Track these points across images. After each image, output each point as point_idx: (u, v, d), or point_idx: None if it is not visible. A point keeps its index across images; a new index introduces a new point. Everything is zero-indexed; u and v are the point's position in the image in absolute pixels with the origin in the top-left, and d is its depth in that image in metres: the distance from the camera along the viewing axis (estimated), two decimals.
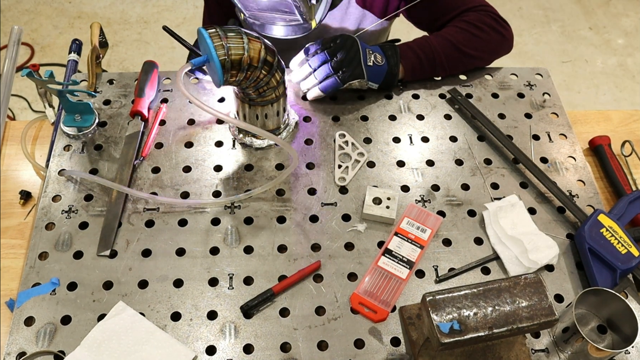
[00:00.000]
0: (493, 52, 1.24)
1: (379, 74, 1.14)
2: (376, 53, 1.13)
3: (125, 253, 0.97)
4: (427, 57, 1.18)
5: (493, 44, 1.22)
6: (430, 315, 0.75)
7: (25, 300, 0.91)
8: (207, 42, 0.91)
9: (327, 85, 1.12)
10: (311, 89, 1.15)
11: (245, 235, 1.00)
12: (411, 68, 1.18)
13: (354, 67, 1.11)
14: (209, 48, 0.91)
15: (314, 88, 1.14)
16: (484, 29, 1.19)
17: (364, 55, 1.11)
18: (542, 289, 0.78)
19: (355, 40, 1.11)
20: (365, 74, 1.12)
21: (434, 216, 1.03)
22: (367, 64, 1.11)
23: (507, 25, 1.23)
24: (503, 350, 0.85)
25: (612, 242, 0.96)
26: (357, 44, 1.11)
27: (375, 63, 1.12)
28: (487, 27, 1.20)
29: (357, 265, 0.97)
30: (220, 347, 0.88)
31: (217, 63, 0.91)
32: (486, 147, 1.14)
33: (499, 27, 1.21)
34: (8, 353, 0.86)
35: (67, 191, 1.04)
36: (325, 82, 1.12)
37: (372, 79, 1.14)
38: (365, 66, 1.11)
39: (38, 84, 1.07)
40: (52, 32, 2.87)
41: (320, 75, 1.12)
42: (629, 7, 3.19)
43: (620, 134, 1.23)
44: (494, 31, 1.20)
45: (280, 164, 1.09)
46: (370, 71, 1.12)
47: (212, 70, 0.95)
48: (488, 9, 1.23)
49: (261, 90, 1.01)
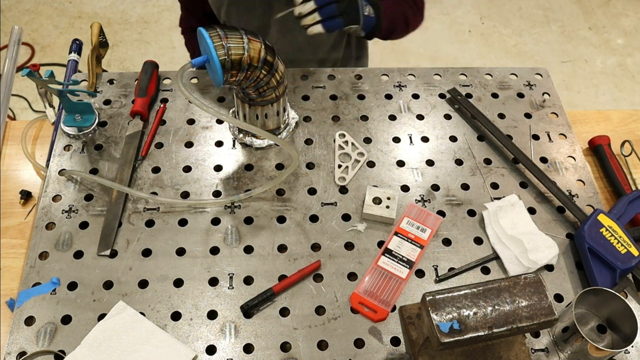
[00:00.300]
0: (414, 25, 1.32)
1: (370, 24, 1.19)
2: (368, 5, 1.18)
3: (125, 253, 0.97)
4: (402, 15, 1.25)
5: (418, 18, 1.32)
6: (430, 315, 0.75)
7: (25, 299, 0.91)
8: (207, 41, 0.91)
9: (331, 24, 1.14)
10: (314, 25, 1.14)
11: (246, 235, 1.00)
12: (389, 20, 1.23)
13: (354, 14, 1.15)
14: (209, 48, 0.91)
15: (317, 25, 1.14)
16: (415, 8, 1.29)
17: (361, 5, 1.17)
18: (542, 289, 0.78)
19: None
20: (362, 22, 1.16)
21: (434, 216, 1.03)
22: (364, 14, 1.17)
23: None
24: (503, 349, 0.86)
25: (612, 242, 0.96)
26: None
27: (369, 14, 1.18)
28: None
29: (357, 265, 0.97)
30: (220, 347, 0.88)
31: (217, 63, 0.91)
32: (486, 147, 1.14)
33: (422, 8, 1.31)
34: (8, 353, 0.86)
35: (67, 191, 1.04)
36: (331, 22, 1.13)
37: (364, 28, 1.19)
38: (362, 15, 1.16)
39: (38, 83, 1.07)
40: (53, 32, 2.87)
41: (325, 13, 1.13)
42: (628, 7, 3.19)
43: (619, 133, 1.23)
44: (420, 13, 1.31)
45: (280, 164, 1.09)
46: (365, 20, 1.17)
47: (212, 70, 0.96)
48: None
49: (261, 90, 1.01)
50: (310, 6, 1.14)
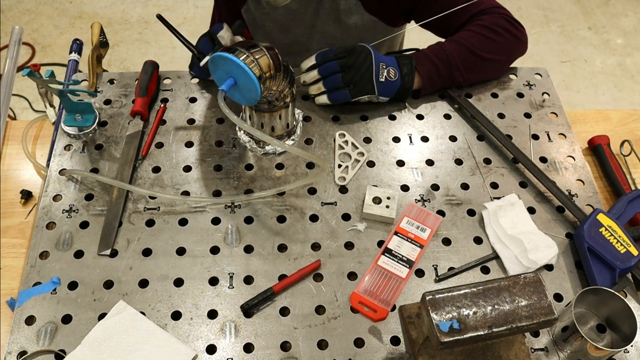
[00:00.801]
0: (509, 54, 1.21)
1: (391, 90, 1.13)
2: (390, 67, 1.10)
3: (125, 252, 0.97)
4: (443, 63, 1.15)
5: (508, 46, 1.19)
6: (430, 315, 0.75)
7: (26, 299, 0.91)
8: (236, 62, 0.89)
9: (336, 96, 1.11)
10: (319, 95, 1.14)
11: (246, 234, 1.00)
12: (428, 77, 1.15)
13: (364, 84, 1.09)
14: (241, 67, 0.88)
15: (323, 96, 1.13)
16: (499, 32, 1.17)
17: (377, 71, 1.09)
18: (542, 288, 0.78)
19: (369, 52, 1.09)
20: (376, 90, 1.11)
21: (434, 215, 1.03)
22: (379, 80, 1.10)
23: (522, 27, 1.21)
24: (502, 349, 0.86)
25: (611, 242, 0.97)
26: (371, 57, 1.09)
27: (387, 78, 1.10)
28: (502, 30, 1.17)
29: (357, 265, 0.97)
30: (220, 346, 0.88)
31: (255, 80, 0.90)
32: (486, 147, 1.14)
33: (514, 30, 1.19)
34: (9, 352, 0.86)
35: (67, 191, 1.04)
36: (335, 94, 1.11)
37: (383, 94, 1.13)
38: (377, 82, 1.10)
39: (39, 83, 1.07)
40: (53, 32, 2.87)
41: (329, 84, 1.11)
42: (628, 7, 3.19)
43: (619, 133, 1.23)
44: (509, 34, 1.18)
45: (280, 164, 1.09)
46: (382, 87, 1.11)
47: (245, 89, 0.92)
48: (502, 11, 1.20)
49: (275, 97, 1.00)
50: (314, 75, 1.12)
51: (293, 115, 1.09)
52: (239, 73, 0.90)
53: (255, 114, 1.05)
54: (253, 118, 1.06)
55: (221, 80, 0.94)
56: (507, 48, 1.20)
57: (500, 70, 1.24)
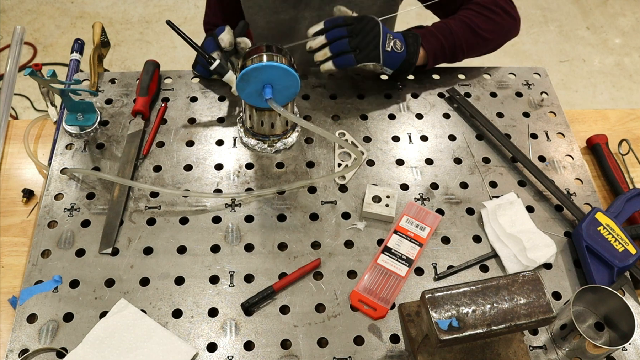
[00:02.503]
0: (505, 35, 1.24)
1: (396, 61, 1.12)
2: (396, 39, 1.11)
3: (127, 251, 0.97)
4: (448, 42, 1.17)
5: (506, 27, 1.22)
6: (429, 313, 0.75)
7: (27, 297, 0.92)
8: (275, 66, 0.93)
9: (342, 61, 1.10)
10: (325, 62, 1.12)
11: (246, 233, 1.00)
12: (433, 53, 1.17)
13: (371, 50, 1.09)
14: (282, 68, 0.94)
15: (328, 62, 1.11)
16: (498, 12, 1.19)
17: (384, 40, 1.09)
18: (540, 287, 0.79)
19: (377, 23, 1.10)
20: (382, 58, 1.10)
21: (433, 214, 1.03)
22: (385, 49, 1.10)
23: (516, 8, 1.24)
24: (501, 347, 0.86)
25: (610, 240, 0.97)
26: (379, 27, 1.09)
27: (393, 49, 1.10)
28: (500, 10, 1.20)
29: (357, 263, 0.98)
30: (221, 344, 0.89)
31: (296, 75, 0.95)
32: (484, 146, 1.15)
33: (511, 10, 1.22)
34: (11, 350, 0.87)
35: (69, 189, 1.05)
36: (341, 58, 1.10)
37: (388, 65, 1.12)
38: (383, 51, 1.10)
39: (40, 83, 1.08)
40: (55, 31, 2.88)
41: (335, 49, 1.09)
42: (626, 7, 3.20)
43: (617, 132, 1.24)
44: (507, 14, 1.21)
45: (280, 163, 1.10)
46: (387, 56, 1.11)
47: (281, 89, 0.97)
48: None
49: None
50: (320, 40, 1.11)
51: (293, 113, 1.10)
52: (278, 75, 0.94)
53: (255, 113, 1.06)
54: (253, 117, 1.07)
55: (254, 93, 0.98)
56: (506, 28, 1.23)
57: (494, 49, 1.27)
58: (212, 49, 1.12)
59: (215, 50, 1.12)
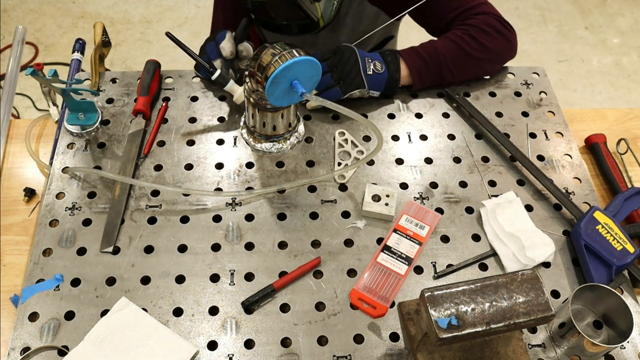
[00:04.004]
0: (499, 55, 1.22)
1: (380, 82, 1.14)
2: (375, 61, 1.12)
3: (128, 249, 0.98)
4: (433, 59, 1.16)
5: (500, 47, 1.20)
6: (429, 311, 0.76)
7: (29, 296, 0.92)
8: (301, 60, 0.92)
9: (328, 96, 1.12)
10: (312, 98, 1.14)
11: (247, 232, 1.01)
12: (418, 72, 1.16)
13: (353, 78, 1.11)
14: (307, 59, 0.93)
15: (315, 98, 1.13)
16: (489, 32, 1.17)
17: (363, 65, 1.11)
18: (539, 285, 0.79)
19: (353, 50, 1.12)
20: (366, 83, 1.12)
21: (432, 213, 1.04)
22: (367, 73, 1.11)
23: (512, 28, 1.22)
24: (500, 345, 0.87)
25: (608, 239, 0.98)
26: (356, 54, 1.11)
27: (375, 71, 1.12)
28: (492, 30, 1.18)
29: (357, 262, 0.98)
30: (221, 342, 0.89)
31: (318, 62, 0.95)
32: (484, 145, 1.15)
33: (504, 30, 1.19)
34: (12, 348, 0.87)
35: (70, 188, 1.05)
36: (327, 93, 1.12)
37: (373, 87, 1.14)
38: (365, 75, 1.11)
39: (42, 82, 1.08)
40: (56, 31, 2.88)
41: (320, 86, 1.12)
42: (624, 6, 3.20)
43: (615, 132, 1.24)
44: (500, 35, 1.19)
45: (281, 162, 1.10)
46: (371, 80, 1.12)
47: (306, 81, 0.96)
48: (492, 10, 1.21)
49: None
50: None
51: (295, 115, 1.10)
52: (304, 68, 0.93)
53: (258, 113, 1.06)
54: (256, 117, 1.07)
55: (282, 93, 0.96)
56: (499, 48, 1.21)
57: (490, 70, 1.25)
58: (214, 56, 1.12)
59: (217, 58, 1.12)
